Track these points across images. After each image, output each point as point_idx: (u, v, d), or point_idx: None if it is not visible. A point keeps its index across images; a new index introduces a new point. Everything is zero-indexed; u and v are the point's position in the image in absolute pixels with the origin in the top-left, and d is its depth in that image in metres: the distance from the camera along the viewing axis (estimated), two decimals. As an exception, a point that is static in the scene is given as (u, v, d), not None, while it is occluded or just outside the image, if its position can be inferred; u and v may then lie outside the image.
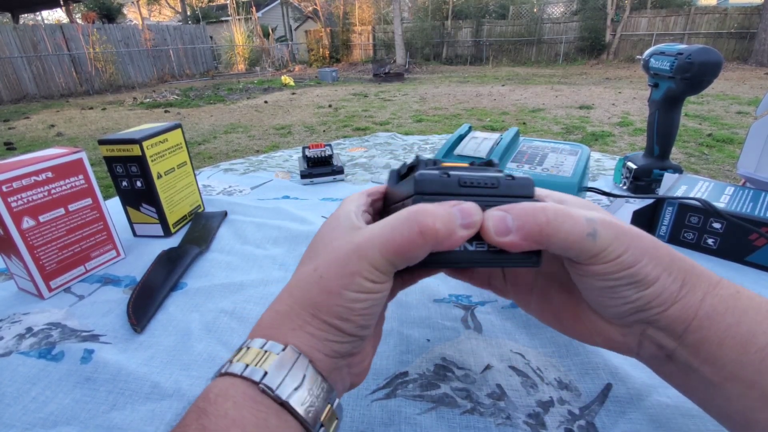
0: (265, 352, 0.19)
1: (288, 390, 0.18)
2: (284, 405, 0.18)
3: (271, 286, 0.43)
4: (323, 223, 0.25)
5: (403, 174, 0.25)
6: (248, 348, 0.20)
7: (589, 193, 0.63)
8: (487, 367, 0.31)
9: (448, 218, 0.19)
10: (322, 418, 0.19)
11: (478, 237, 0.21)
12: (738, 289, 0.22)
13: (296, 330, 0.20)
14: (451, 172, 0.22)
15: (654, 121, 0.60)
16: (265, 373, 0.19)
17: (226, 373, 0.19)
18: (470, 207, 0.20)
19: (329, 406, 0.20)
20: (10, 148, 4.09)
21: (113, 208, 0.56)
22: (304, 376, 0.19)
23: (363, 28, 15.16)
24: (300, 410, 0.18)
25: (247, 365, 0.19)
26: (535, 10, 13.20)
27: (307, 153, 0.75)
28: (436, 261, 0.21)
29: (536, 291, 0.27)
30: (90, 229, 0.46)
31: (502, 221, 0.20)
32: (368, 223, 0.24)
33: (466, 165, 0.25)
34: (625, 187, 0.64)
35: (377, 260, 0.20)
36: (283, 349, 0.20)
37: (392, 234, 0.20)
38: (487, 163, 0.26)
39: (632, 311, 0.22)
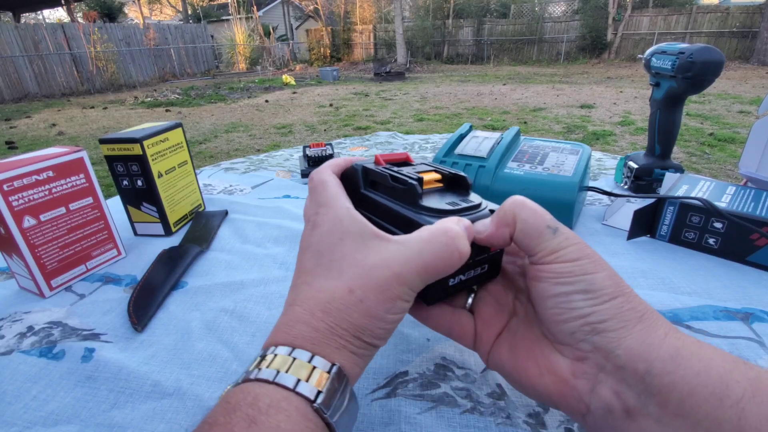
0: (314, 367, 0.20)
1: (337, 413, 0.20)
2: (329, 425, 0.19)
3: (272, 285, 0.43)
4: (320, 226, 0.24)
5: (371, 180, 0.28)
6: (294, 359, 0.20)
7: (590, 192, 0.62)
8: (487, 368, 0.31)
9: (466, 238, 0.23)
10: None
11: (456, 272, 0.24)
12: (698, 340, 0.20)
13: (341, 350, 0.21)
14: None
15: (655, 120, 0.59)
16: (319, 392, 0.19)
17: (275, 383, 0.19)
18: (468, 223, 0.24)
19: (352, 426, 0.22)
20: (12, 147, 4.10)
21: (114, 207, 0.56)
22: (347, 401, 0.21)
23: (364, 27, 15.15)
24: (339, 430, 0.20)
25: (299, 380, 0.20)
26: (536, 9, 13.17)
27: (308, 152, 0.75)
28: (431, 296, 0.25)
29: (502, 336, 0.26)
30: (91, 228, 0.46)
31: (482, 224, 0.24)
32: None
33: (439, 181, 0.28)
34: (626, 187, 0.64)
35: (415, 284, 0.22)
36: (331, 368, 0.21)
37: (432, 259, 0.22)
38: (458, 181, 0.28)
39: (586, 330, 0.21)
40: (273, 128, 4.67)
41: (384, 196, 0.27)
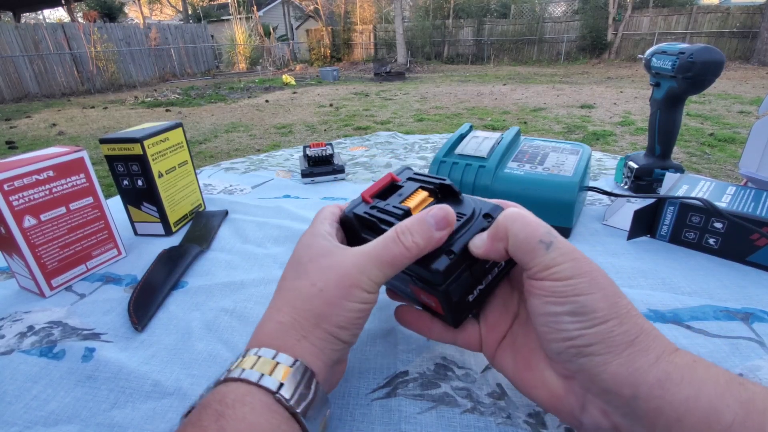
0: (277, 363, 0.22)
1: (302, 404, 0.21)
2: (295, 415, 0.20)
3: (272, 285, 0.43)
4: (300, 242, 0.27)
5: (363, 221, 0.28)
6: (259, 357, 0.22)
7: (590, 192, 0.62)
8: (488, 367, 0.31)
9: (424, 230, 0.24)
10: (321, 427, 0.22)
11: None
12: (695, 358, 0.20)
13: (301, 340, 0.23)
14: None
15: (655, 120, 0.59)
16: (281, 385, 0.21)
17: (240, 379, 0.21)
18: (440, 212, 0.24)
19: (324, 417, 0.23)
20: (12, 147, 4.10)
21: (114, 206, 0.56)
22: (312, 391, 0.22)
23: (364, 27, 15.15)
24: (306, 421, 0.21)
25: (262, 374, 0.21)
26: (536, 9, 13.16)
27: (308, 152, 0.75)
28: (457, 318, 0.26)
29: (505, 340, 0.27)
30: (91, 228, 0.46)
31: (480, 238, 0.25)
32: (341, 242, 0.28)
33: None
34: (626, 187, 0.64)
35: (373, 273, 0.23)
36: (294, 362, 0.22)
37: (384, 251, 0.24)
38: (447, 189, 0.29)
39: (572, 352, 0.21)
40: (273, 128, 4.67)
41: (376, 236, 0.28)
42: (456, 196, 0.29)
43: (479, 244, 0.24)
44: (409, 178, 0.31)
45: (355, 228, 0.28)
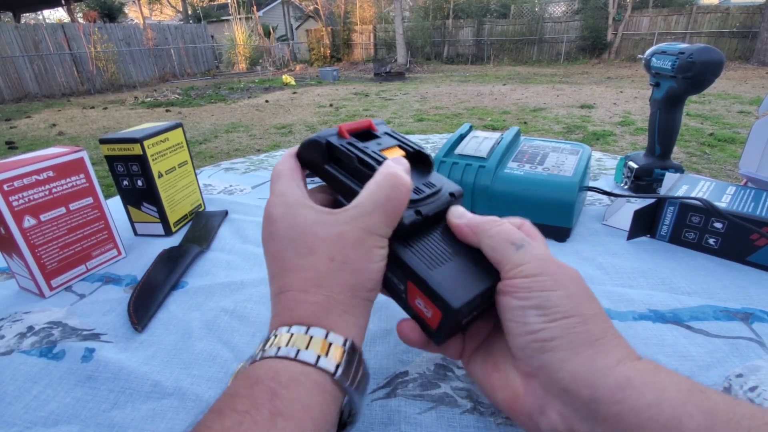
0: (330, 344, 0.21)
1: (354, 383, 0.21)
2: (349, 394, 0.21)
3: (272, 285, 0.43)
4: (277, 216, 0.25)
5: (332, 156, 0.28)
6: (311, 337, 0.22)
7: (590, 193, 0.62)
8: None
9: (405, 174, 0.25)
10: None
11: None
12: (657, 366, 0.20)
13: (343, 315, 0.23)
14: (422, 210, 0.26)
15: (655, 120, 0.59)
16: (338, 366, 0.21)
17: (296, 360, 0.21)
18: (397, 159, 0.26)
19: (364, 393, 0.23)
20: (12, 147, 4.10)
21: (114, 207, 0.56)
22: (361, 371, 0.22)
23: (364, 27, 15.15)
24: (354, 401, 0.22)
25: (319, 356, 0.21)
26: (536, 9, 13.16)
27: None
28: (442, 337, 0.25)
29: (481, 347, 0.27)
30: (91, 228, 0.46)
31: (459, 210, 0.27)
32: (323, 200, 0.29)
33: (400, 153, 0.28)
34: (626, 187, 0.64)
35: (382, 229, 0.24)
36: (345, 342, 0.22)
37: (388, 202, 0.23)
38: (420, 158, 0.29)
39: (535, 347, 0.21)
40: (273, 128, 4.67)
41: (345, 174, 0.27)
42: (428, 167, 0.29)
43: (458, 215, 0.26)
44: (386, 133, 0.30)
45: (318, 156, 0.27)
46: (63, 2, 11.06)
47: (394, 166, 0.25)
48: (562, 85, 7.34)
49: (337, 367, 0.21)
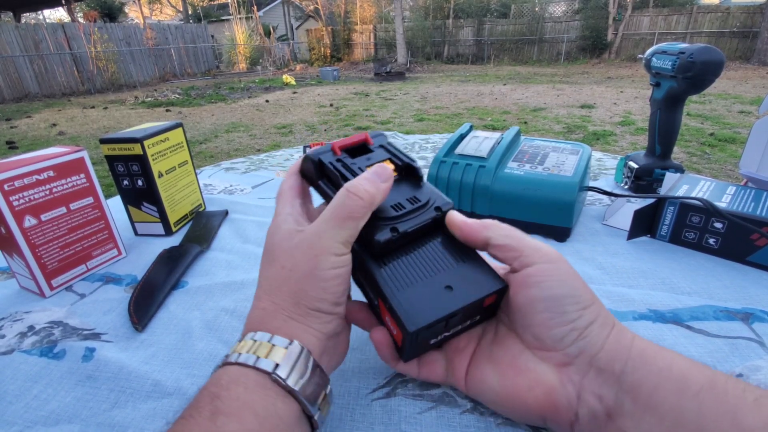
0: (273, 345, 0.22)
1: (295, 379, 0.21)
2: (292, 392, 0.21)
3: (272, 285, 0.43)
4: (268, 233, 0.27)
5: (321, 170, 0.29)
6: (255, 341, 0.23)
7: (590, 192, 0.62)
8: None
9: (371, 181, 0.25)
10: (319, 403, 0.22)
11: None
12: (656, 344, 0.23)
13: (287, 321, 0.23)
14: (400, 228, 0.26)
15: (656, 120, 0.59)
16: (277, 365, 0.21)
17: (237, 363, 0.22)
18: (379, 168, 0.26)
19: (324, 392, 0.23)
20: (12, 147, 4.10)
21: (114, 206, 0.56)
22: (308, 368, 0.22)
23: (364, 27, 15.15)
24: (303, 397, 0.21)
25: (258, 357, 0.22)
26: (536, 9, 13.16)
27: (308, 152, 0.75)
28: (409, 353, 0.26)
29: (476, 358, 0.26)
30: (91, 228, 0.46)
31: (462, 216, 0.26)
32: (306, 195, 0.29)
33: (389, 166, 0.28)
34: (626, 187, 0.64)
35: (335, 233, 0.24)
36: (290, 343, 0.22)
37: (339, 207, 0.24)
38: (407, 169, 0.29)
39: (575, 335, 0.22)
40: (273, 128, 4.67)
41: (332, 189, 0.28)
42: (417, 180, 0.29)
43: (458, 220, 0.26)
44: (381, 146, 0.31)
45: (313, 172, 0.29)
46: (63, 2, 11.06)
47: (357, 179, 0.25)
48: (562, 85, 7.34)
49: (277, 366, 0.21)
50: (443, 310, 0.23)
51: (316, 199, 0.31)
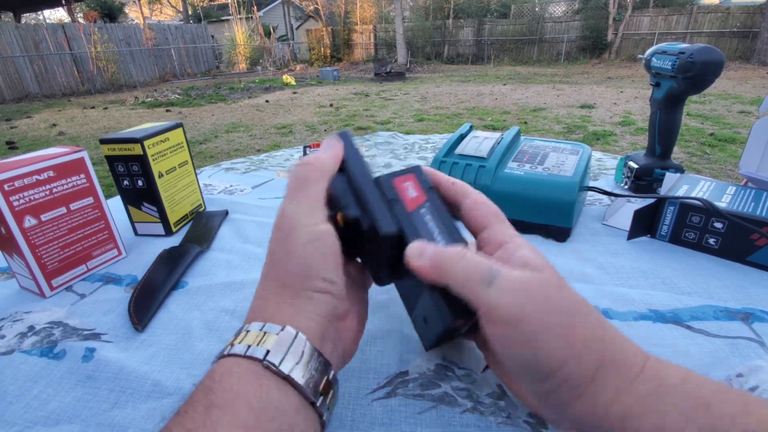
0: (264, 333, 0.21)
1: (289, 365, 0.20)
2: (287, 378, 0.20)
3: (272, 285, 0.43)
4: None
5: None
6: (247, 331, 0.22)
7: (590, 192, 0.62)
8: (488, 367, 0.31)
9: (322, 147, 0.27)
10: (320, 389, 0.21)
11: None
12: (660, 382, 0.20)
13: (281, 305, 0.23)
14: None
15: (656, 120, 0.59)
16: (267, 352, 0.20)
17: (229, 355, 0.21)
18: (328, 139, 0.27)
19: (326, 377, 0.22)
20: (12, 147, 4.10)
21: (114, 207, 0.56)
22: (303, 353, 0.21)
23: (364, 27, 15.15)
24: (301, 382, 0.20)
25: (249, 346, 0.21)
26: (537, 9, 13.16)
27: (308, 152, 0.75)
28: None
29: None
30: (91, 228, 0.46)
31: (416, 248, 0.23)
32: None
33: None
34: (626, 187, 0.64)
35: (297, 204, 0.24)
36: (282, 329, 0.21)
37: (293, 182, 0.25)
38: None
39: (539, 396, 0.21)
40: (273, 128, 4.67)
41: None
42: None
43: (417, 254, 0.23)
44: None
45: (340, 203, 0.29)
46: (63, 2, 11.07)
47: (308, 157, 0.26)
48: (562, 85, 7.34)
49: (268, 352, 0.20)
50: (430, 340, 0.27)
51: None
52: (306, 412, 0.20)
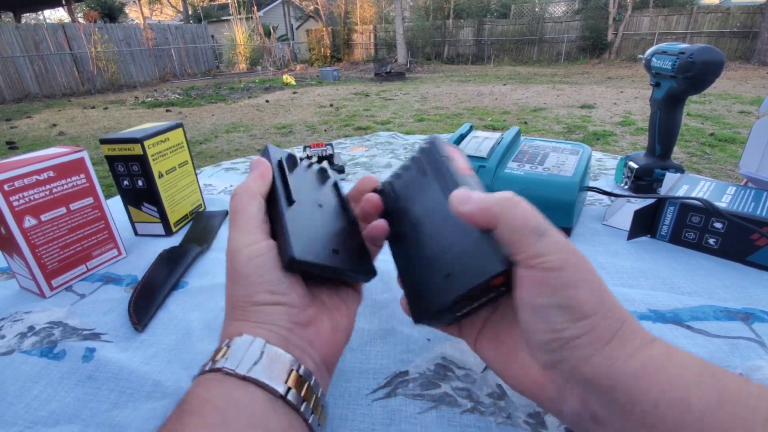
0: (227, 347, 0.22)
1: (247, 366, 0.21)
2: (246, 378, 0.21)
3: (272, 285, 0.43)
4: None
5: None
6: (216, 352, 0.23)
7: (590, 193, 0.62)
8: (488, 367, 0.31)
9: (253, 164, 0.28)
10: (288, 383, 0.22)
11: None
12: (669, 349, 0.21)
13: (238, 323, 0.24)
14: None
15: (656, 120, 0.59)
16: (226, 359, 0.22)
17: (200, 374, 0.22)
18: (252, 162, 0.29)
19: (293, 370, 0.22)
20: (13, 147, 4.10)
21: (114, 207, 0.56)
22: (262, 352, 0.22)
23: (364, 27, 15.15)
24: (263, 379, 0.21)
25: (212, 361, 0.22)
26: (537, 9, 13.16)
27: (308, 152, 0.75)
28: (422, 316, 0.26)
29: (485, 329, 0.27)
30: (91, 228, 0.46)
31: (465, 194, 0.24)
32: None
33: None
34: (626, 187, 0.64)
35: (236, 231, 0.25)
36: (240, 338, 0.23)
37: (230, 214, 0.26)
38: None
39: (557, 345, 0.21)
40: (273, 128, 4.67)
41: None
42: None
43: (463, 200, 0.24)
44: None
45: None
46: (63, 2, 11.07)
47: (246, 182, 0.28)
48: (562, 85, 7.34)
49: (226, 360, 0.22)
50: (442, 302, 0.24)
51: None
52: (277, 406, 0.21)
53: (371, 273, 0.27)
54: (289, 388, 0.21)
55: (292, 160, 0.31)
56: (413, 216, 0.28)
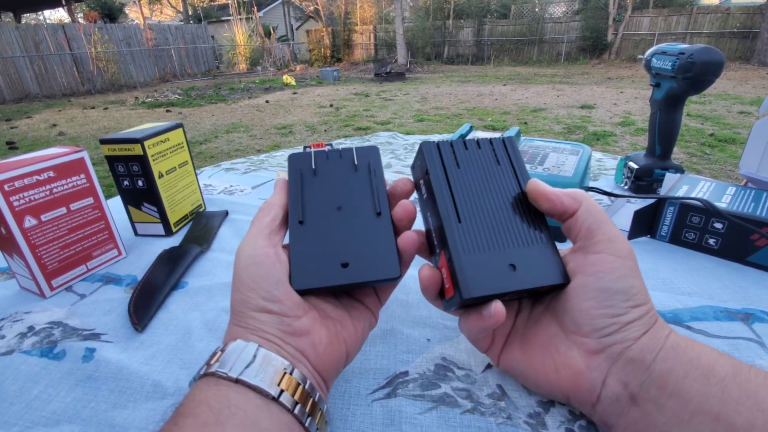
0: (222, 352, 0.23)
1: (239, 368, 0.22)
2: (238, 381, 0.22)
3: (272, 285, 0.43)
4: None
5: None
6: (212, 356, 0.24)
7: (590, 193, 0.62)
8: (488, 367, 0.31)
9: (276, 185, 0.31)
10: (281, 385, 0.22)
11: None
12: (689, 338, 0.24)
13: (236, 329, 0.25)
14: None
15: (656, 120, 0.59)
16: (220, 363, 0.22)
17: (197, 379, 0.23)
18: (276, 181, 0.31)
19: (285, 373, 0.23)
20: (13, 147, 4.10)
21: (114, 207, 0.56)
22: (255, 356, 0.23)
23: (364, 27, 15.15)
24: (254, 381, 0.22)
25: (208, 365, 0.23)
26: (536, 9, 13.17)
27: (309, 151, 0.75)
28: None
29: (511, 338, 0.28)
30: (91, 228, 0.46)
31: (545, 184, 0.27)
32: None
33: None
34: (626, 187, 0.64)
35: (249, 235, 0.26)
36: (233, 342, 0.23)
37: (253, 220, 0.28)
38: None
39: (614, 328, 0.23)
40: (273, 128, 4.67)
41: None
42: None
43: (545, 190, 0.26)
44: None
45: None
46: (63, 2, 11.08)
47: (268, 200, 0.30)
48: (562, 86, 7.34)
49: (219, 364, 0.22)
50: (500, 288, 0.24)
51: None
52: (271, 408, 0.21)
53: (393, 275, 0.26)
54: (281, 391, 0.22)
55: (323, 156, 0.32)
56: (481, 195, 0.27)
